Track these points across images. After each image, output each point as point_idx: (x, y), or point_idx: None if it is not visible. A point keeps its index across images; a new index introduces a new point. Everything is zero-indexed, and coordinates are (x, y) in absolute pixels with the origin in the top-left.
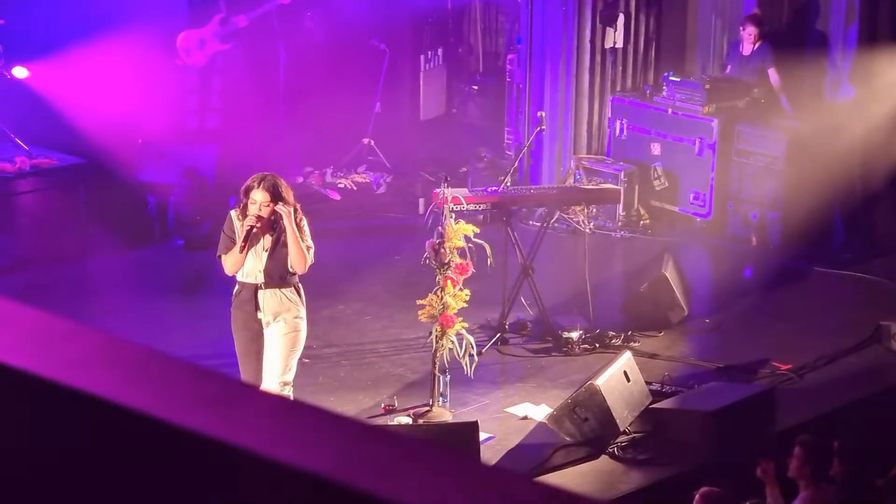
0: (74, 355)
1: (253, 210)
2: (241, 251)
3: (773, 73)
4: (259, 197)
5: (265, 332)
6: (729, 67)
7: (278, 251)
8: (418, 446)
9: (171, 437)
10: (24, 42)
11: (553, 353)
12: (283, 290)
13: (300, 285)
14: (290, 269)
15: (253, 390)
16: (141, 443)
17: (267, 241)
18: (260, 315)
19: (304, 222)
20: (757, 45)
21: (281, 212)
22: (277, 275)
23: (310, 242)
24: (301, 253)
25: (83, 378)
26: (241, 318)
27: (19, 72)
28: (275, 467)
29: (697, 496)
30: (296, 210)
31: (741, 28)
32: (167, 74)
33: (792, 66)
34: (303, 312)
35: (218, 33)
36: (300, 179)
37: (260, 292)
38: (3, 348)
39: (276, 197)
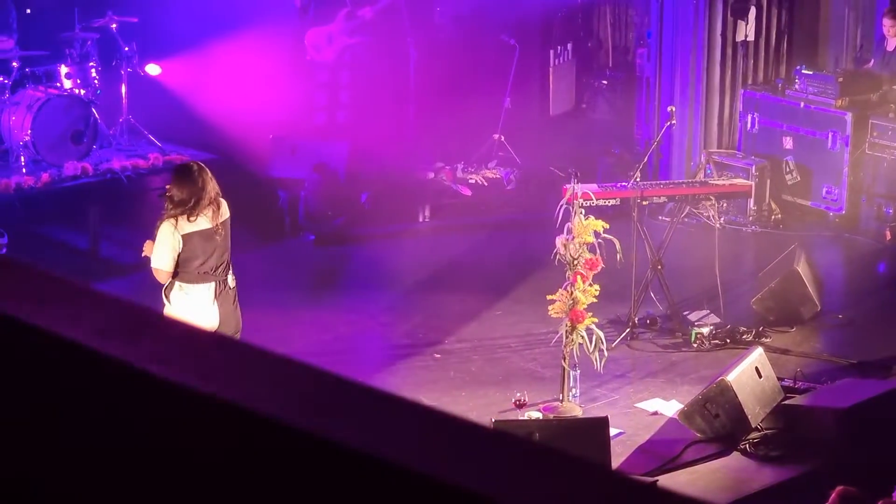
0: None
1: None
2: None
3: None
4: None
5: None
6: (872, 62)
7: None
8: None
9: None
10: (156, 40)
11: (683, 349)
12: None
13: (172, 292)
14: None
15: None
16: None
17: None
18: None
19: (161, 226)
20: None
21: None
22: None
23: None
24: None
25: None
26: None
27: (152, 69)
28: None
29: (834, 495)
30: (168, 207)
31: (883, 24)
32: (297, 70)
33: None
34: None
35: (345, 28)
36: (431, 175)
37: None
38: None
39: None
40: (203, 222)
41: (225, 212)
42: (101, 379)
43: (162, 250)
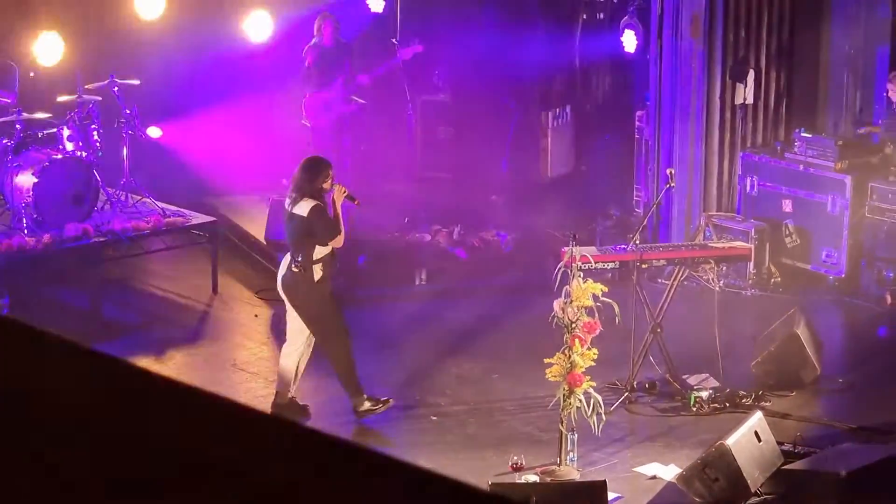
0: None
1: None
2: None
3: None
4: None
5: None
6: (881, 122)
7: None
8: None
9: None
10: (158, 102)
11: (682, 413)
12: None
13: None
14: None
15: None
16: None
17: None
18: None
19: None
20: None
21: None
22: None
23: None
24: None
25: None
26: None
27: (153, 132)
28: None
29: None
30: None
31: (888, 84)
32: (299, 134)
33: None
34: None
35: (342, 95)
36: (428, 237)
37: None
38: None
39: None
40: (289, 206)
41: (299, 210)
42: None
43: None
